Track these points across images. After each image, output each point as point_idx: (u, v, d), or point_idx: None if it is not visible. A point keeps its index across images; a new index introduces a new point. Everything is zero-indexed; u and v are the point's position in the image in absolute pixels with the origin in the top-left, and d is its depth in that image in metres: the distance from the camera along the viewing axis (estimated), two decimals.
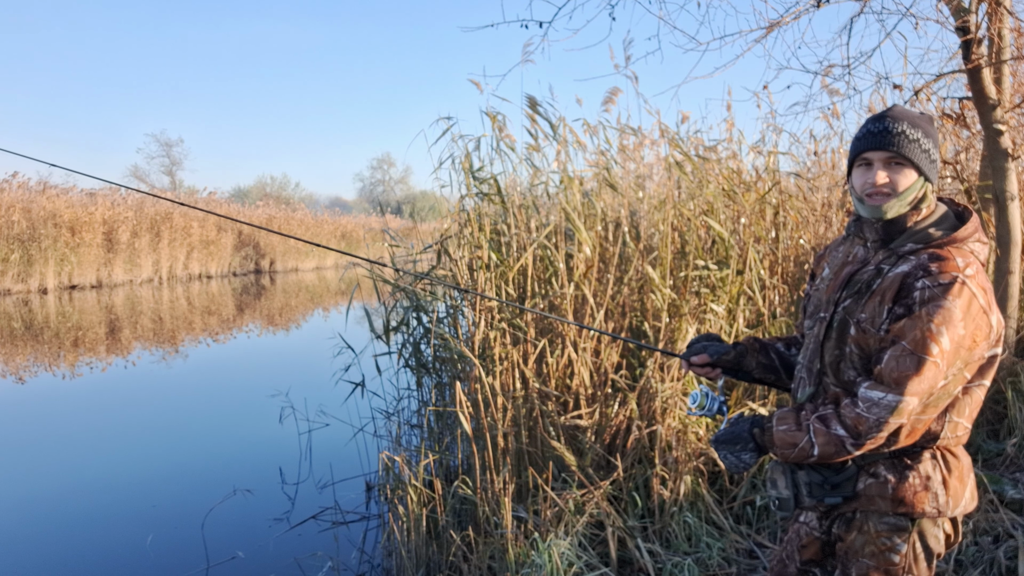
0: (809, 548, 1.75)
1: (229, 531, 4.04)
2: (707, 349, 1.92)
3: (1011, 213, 4.16)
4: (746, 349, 1.91)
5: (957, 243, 1.54)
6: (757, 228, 4.29)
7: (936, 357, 1.44)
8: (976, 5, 3.86)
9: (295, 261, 26.29)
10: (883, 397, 1.46)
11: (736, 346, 1.92)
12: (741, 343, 1.93)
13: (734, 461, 1.69)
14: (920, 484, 1.56)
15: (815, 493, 1.65)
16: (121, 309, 14.50)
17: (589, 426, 3.56)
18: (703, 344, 1.94)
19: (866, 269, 1.62)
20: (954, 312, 1.44)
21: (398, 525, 3.22)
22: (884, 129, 1.56)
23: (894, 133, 1.55)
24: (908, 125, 1.56)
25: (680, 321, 3.77)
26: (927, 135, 1.56)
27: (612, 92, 4.19)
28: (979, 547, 2.98)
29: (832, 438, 1.53)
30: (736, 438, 1.68)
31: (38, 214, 16.88)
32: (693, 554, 3.15)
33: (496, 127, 4.08)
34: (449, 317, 4.29)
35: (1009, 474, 3.67)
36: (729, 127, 4.95)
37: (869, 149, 1.57)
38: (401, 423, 4.29)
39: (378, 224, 25.74)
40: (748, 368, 1.91)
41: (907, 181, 1.56)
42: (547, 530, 3.05)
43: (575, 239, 3.85)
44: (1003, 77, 4.17)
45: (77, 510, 4.43)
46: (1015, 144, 4.30)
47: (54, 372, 8.42)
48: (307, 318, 14.09)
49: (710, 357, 1.90)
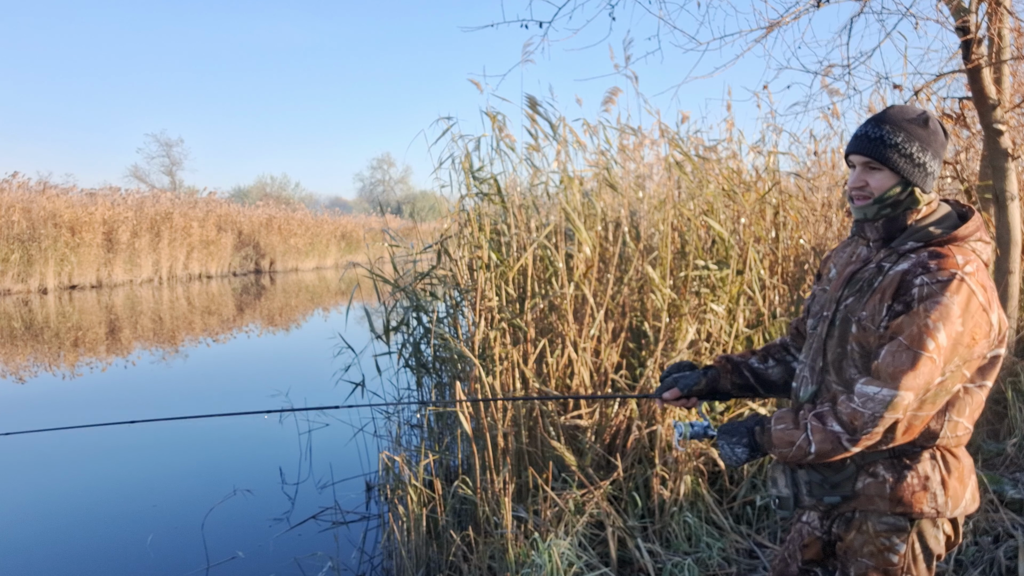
0: (811, 548, 1.76)
1: (229, 531, 4.04)
2: (678, 382, 1.94)
3: (1011, 213, 4.16)
4: (719, 372, 1.93)
5: (958, 241, 1.54)
6: (757, 228, 4.29)
7: (932, 352, 1.44)
8: (976, 5, 3.85)
9: (295, 261, 26.30)
10: (878, 392, 1.47)
11: (708, 371, 1.94)
12: (713, 367, 1.95)
13: (728, 452, 1.71)
14: (919, 484, 1.56)
15: (815, 492, 1.65)
16: (121, 309, 14.50)
17: (589, 426, 3.56)
18: (673, 378, 1.96)
19: (867, 267, 1.63)
20: (952, 308, 1.45)
21: (398, 525, 3.22)
22: (864, 134, 1.60)
23: (871, 138, 1.58)
24: (890, 129, 1.57)
25: (680, 321, 3.77)
26: (912, 138, 1.57)
27: (612, 92, 4.18)
28: (979, 547, 2.98)
29: (828, 434, 1.53)
30: (734, 430, 1.71)
31: (38, 214, 16.87)
32: (693, 554, 3.15)
33: (496, 127, 4.08)
34: (449, 317, 4.29)
35: (1009, 474, 3.66)
36: (729, 127, 4.95)
37: (851, 153, 1.63)
38: (401, 423, 4.29)
39: (378, 224, 25.74)
40: (724, 390, 1.94)
41: (883, 185, 1.58)
42: (547, 530, 3.05)
43: (575, 239, 3.85)
44: (1003, 77, 4.17)
45: (77, 510, 4.43)
46: (1015, 144, 4.30)
47: (54, 372, 8.42)
48: (307, 318, 14.09)
49: (681, 391, 1.93)
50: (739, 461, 1.70)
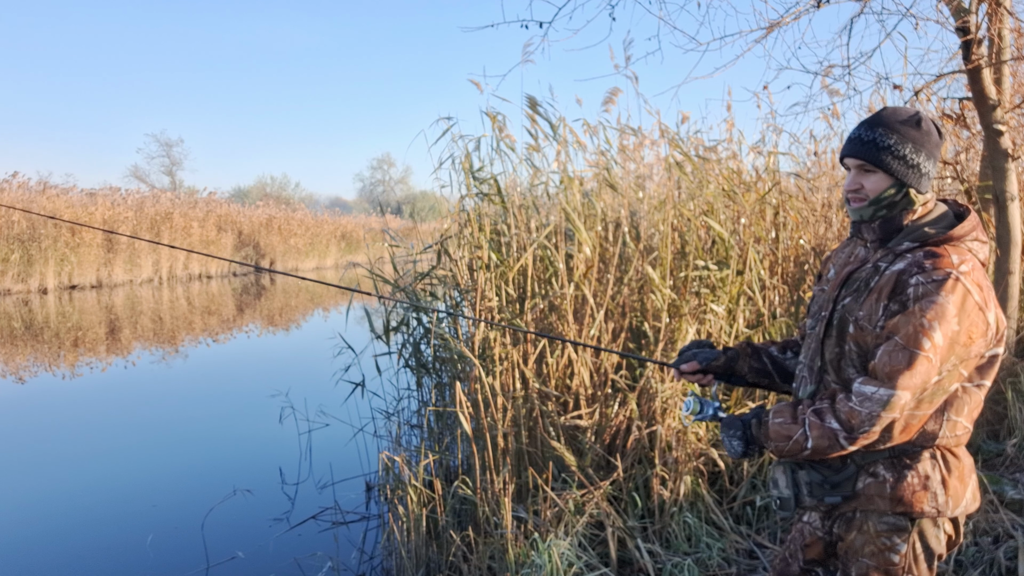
0: (812, 548, 1.76)
1: (229, 531, 4.04)
2: (696, 356, 1.93)
3: (1011, 213, 4.16)
4: (737, 354, 1.93)
5: (954, 241, 1.55)
6: (757, 228, 4.29)
7: (928, 352, 1.45)
8: (976, 5, 3.86)
9: (295, 261, 26.28)
10: (875, 391, 1.48)
11: (727, 351, 1.93)
12: (732, 348, 1.95)
13: (727, 444, 1.72)
14: (919, 483, 1.56)
15: (815, 492, 1.66)
16: (121, 309, 14.50)
17: (589, 426, 3.56)
18: (693, 352, 1.95)
19: (864, 268, 1.64)
20: (947, 308, 1.45)
21: (398, 525, 3.22)
22: (857, 137, 1.62)
23: (865, 141, 1.60)
24: (884, 131, 1.58)
25: (680, 321, 3.77)
26: (906, 140, 1.57)
27: (612, 92, 4.18)
28: (979, 547, 2.98)
29: (826, 431, 1.54)
30: (733, 423, 1.72)
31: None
32: (693, 554, 3.15)
33: (496, 127, 4.08)
34: (449, 317, 4.29)
35: (1009, 474, 3.67)
36: (729, 127, 4.95)
37: (845, 156, 1.64)
38: (401, 423, 4.29)
39: (378, 224, 25.74)
40: (740, 372, 1.93)
41: (878, 187, 1.59)
42: (547, 530, 3.05)
43: (575, 239, 3.85)
44: (1003, 77, 4.17)
45: (77, 510, 4.43)
46: (1015, 144, 4.30)
47: (54, 372, 8.42)
48: (307, 318, 14.09)
49: (700, 364, 1.92)
50: (735, 454, 1.71)
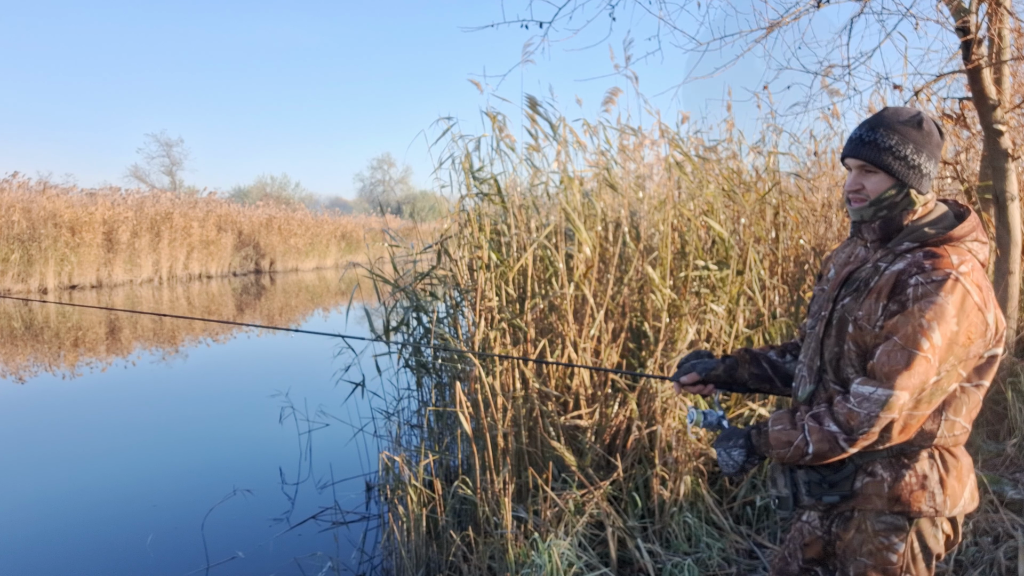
0: (811, 547, 1.76)
1: (229, 531, 4.05)
2: (696, 367, 1.93)
3: (1011, 213, 4.16)
4: (736, 361, 1.93)
5: (953, 241, 1.55)
6: (757, 228, 4.29)
7: (927, 352, 1.45)
8: (976, 5, 3.85)
9: (295, 261, 26.29)
10: (874, 392, 1.48)
11: (725, 359, 1.94)
12: (731, 356, 1.95)
13: (726, 459, 1.71)
14: (917, 483, 1.57)
15: (813, 492, 1.66)
16: (121, 309, 14.49)
17: (589, 426, 3.56)
18: (692, 363, 1.96)
19: (864, 267, 1.64)
20: (946, 308, 1.45)
21: (398, 525, 3.23)
22: (858, 137, 1.62)
23: (866, 141, 1.60)
24: (884, 132, 1.59)
25: (680, 321, 3.77)
26: (907, 140, 1.58)
27: (612, 92, 4.18)
28: (979, 547, 2.98)
29: (825, 434, 1.54)
30: (730, 435, 1.71)
31: (38, 214, 16.87)
32: (693, 554, 3.16)
33: (496, 127, 4.08)
34: (449, 317, 4.29)
35: (1009, 474, 3.67)
36: (729, 127, 4.95)
37: (846, 156, 1.65)
38: (401, 423, 4.29)
39: (378, 224, 25.75)
40: (741, 380, 1.93)
41: (879, 187, 1.60)
42: (547, 530, 3.05)
43: (575, 239, 3.85)
44: (1003, 77, 4.17)
45: (77, 510, 4.43)
46: (1015, 144, 4.30)
47: (54, 372, 8.42)
48: (307, 318, 14.09)
49: (699, 375, 1.92)
50: (736, 465, 1.69)
